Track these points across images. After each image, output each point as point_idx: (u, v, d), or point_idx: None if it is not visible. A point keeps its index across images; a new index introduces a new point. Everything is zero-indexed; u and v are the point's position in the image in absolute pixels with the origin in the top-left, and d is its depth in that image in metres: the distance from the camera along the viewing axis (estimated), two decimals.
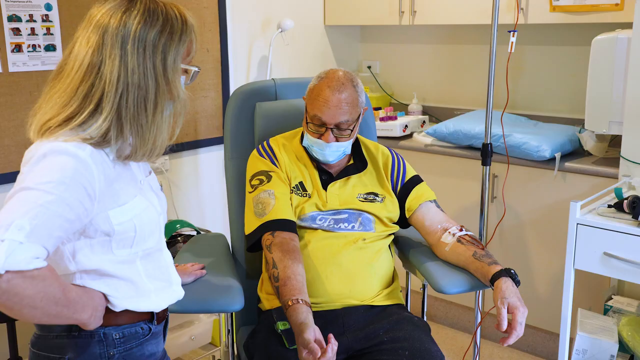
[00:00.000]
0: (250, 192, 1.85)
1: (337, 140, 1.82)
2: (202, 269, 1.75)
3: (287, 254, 1.68)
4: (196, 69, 1.32)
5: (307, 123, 1.84)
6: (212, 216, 3.07)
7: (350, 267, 1.78)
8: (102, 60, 1.19)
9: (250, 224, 1.81)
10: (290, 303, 1.56)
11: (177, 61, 1.25)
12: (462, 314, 3.11)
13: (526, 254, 2.79)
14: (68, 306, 1.14)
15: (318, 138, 1.82)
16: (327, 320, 1.69)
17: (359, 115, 1.86)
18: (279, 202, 1.78)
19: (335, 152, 1.84)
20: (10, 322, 2.13)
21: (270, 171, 1.86)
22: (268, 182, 1.83)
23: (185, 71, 1.31)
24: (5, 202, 1.09)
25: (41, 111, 1.22)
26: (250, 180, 1.87)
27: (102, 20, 1.21)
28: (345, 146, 1.86)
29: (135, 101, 1.20)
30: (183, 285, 1.48)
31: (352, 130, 1.84)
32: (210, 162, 3.08)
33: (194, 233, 2.56)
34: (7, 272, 1.01)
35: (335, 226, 1.83)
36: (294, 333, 1.52)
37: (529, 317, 1.61)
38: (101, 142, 1.20)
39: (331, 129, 1.80)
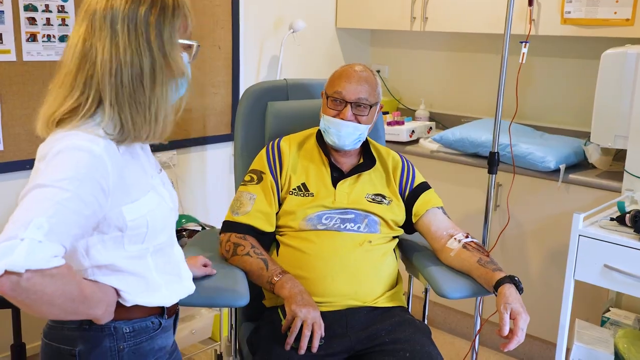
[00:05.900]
0: (242, 184, 1.94)
1: (354, 120, 1.86)
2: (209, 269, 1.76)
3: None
4: (196, 43, 1.31)
5: (326, 105, 1.90)
6: (217, 212, 3.08)
7: (356, 269, 1.80)
8: (91, 44, 1.19)
9: (227, 215, 1.92)
10: (274, 280, 1.71)
11: (174, 36, 1.23)
12: (461, 320, 3.13)
13: (527, 263, 2.80)
14: (84, 302, 1.15)
15: (336, 116, 1.86)
16: (331, 320, 1.71)
17: (376, 104, 1.92)
18: (253, 208, 1.87)
19: (351, 134, 1.87)
20: (16, 308, 2.13)
21: (263, 172, 1.91)
22: (257, 183, 1.90)
23: (186, 49, 1.29)
24: (20, 199, 1.09)
25: (46, 105, 1.23)
26: (247, 173, 1.96)
27: (91, 6, 1.21)
28: (361, 131, 1.89)
29: (130, 78, 1.19)
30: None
31: (369, 112, 1.88)
32: (218, 158, 3.11)
33: (199, 228, 2.58)
34: (27, 270, 1.01)
35: (342, 226, 1.84)
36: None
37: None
38: (119, 137, 1.20)
39: (350, 104, 1.85)
